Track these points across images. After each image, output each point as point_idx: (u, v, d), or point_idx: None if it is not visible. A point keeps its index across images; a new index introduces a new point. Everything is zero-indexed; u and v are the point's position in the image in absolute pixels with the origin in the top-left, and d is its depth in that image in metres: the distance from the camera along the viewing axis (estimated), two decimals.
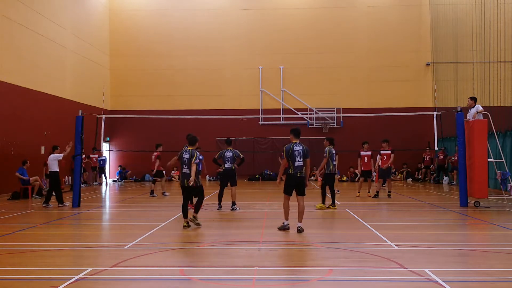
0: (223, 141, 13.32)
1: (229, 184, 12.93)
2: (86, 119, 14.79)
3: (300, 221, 9.26)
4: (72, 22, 22.75)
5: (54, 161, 13.99)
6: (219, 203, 12.84)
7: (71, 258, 7.36)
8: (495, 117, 14.88)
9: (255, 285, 5.75)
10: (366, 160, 15.90)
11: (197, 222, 9.84)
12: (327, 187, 13.26)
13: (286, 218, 9.46)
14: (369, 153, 15.91)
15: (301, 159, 9.16)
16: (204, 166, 13.89)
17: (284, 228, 9.35)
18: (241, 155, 13.08)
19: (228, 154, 12.82)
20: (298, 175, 9.20)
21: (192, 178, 9.71)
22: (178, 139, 25.89)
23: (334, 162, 13.28)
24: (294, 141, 9.30)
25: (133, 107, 26.59)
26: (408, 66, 26.82)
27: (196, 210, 10.02)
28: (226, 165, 12.78)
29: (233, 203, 12.84)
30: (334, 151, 13.25)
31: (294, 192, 9.40)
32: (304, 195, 9.38)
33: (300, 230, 9.14)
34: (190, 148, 10.02)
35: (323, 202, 13.11)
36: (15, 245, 8.25)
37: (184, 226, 9.76)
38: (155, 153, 16.85)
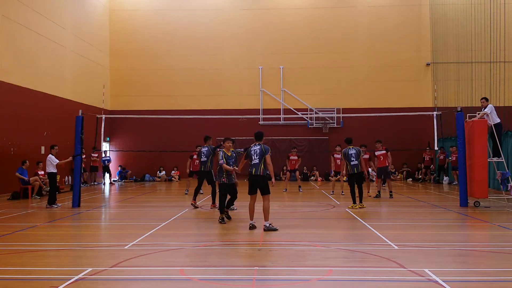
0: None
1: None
2: (86, 119, 14.79)
3: (266, 219, 9.38)
4: (72, 22, 22.74)
5: (48, 162, 13.89)
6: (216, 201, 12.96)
7: (71, 258, 7.36)
8: None
9: (255, 285, 5.75)
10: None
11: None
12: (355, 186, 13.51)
13: (251, 219, 9.67)
14: (367, 156, 16.06)
15: (257, 157, 9.51)
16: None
17: (250, 228, 9.52)
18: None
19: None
20: (254, 173, 9.51)
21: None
22: (178, 139, 26.01)
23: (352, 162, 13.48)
24: (254, 143, 9.79)
25: (133, 107, 26.57)
26: (408, 66, 26.80)
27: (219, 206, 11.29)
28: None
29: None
30: (350, 152, 13.67)
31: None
32: (267, 193, 9.56)
33: (266, 229, 9.23)
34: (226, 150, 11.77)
35: (361, 201, 13.29)
36: (15, 245, 8.25)
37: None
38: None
